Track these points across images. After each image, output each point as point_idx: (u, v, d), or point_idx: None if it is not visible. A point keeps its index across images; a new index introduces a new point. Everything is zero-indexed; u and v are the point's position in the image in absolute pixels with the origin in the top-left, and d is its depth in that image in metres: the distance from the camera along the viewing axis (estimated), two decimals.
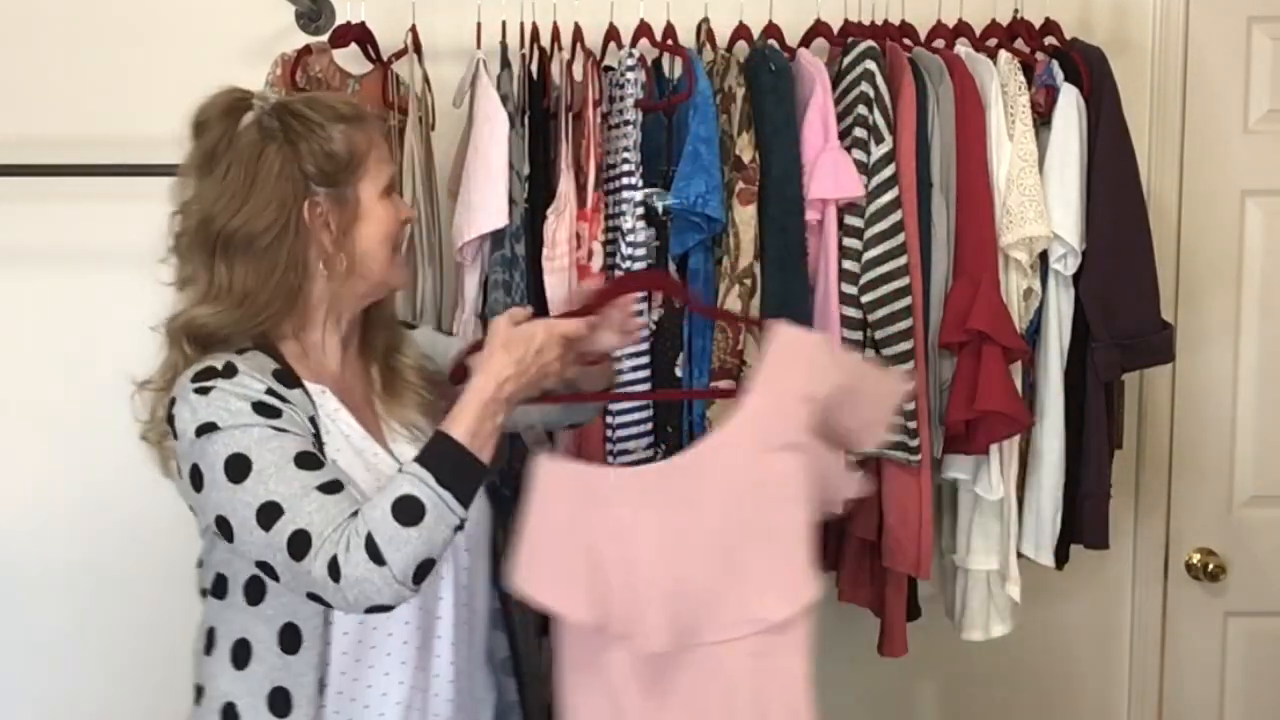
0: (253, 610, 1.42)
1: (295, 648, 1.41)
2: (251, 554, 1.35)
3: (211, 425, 1.35)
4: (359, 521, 1.30)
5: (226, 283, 1.41)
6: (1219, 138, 2.33)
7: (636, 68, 1.93)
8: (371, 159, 1.47)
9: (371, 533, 1.28)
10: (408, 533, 1.29)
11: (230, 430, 1.34)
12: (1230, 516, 2.41)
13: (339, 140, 1.44)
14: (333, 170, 1.43)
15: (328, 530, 1.30)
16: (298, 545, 1.30)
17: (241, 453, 1.33)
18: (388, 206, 1.48)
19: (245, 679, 1.43)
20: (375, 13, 2.06)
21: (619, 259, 1.90)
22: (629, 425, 1.90)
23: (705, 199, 1.84)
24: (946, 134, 1.97)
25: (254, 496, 1.32)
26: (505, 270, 1.87)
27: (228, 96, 1.47)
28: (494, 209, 1.85)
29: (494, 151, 1.86)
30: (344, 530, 1.30)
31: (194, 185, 1.45)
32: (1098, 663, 2.48)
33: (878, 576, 2.10)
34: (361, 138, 1.47)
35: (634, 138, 1.91)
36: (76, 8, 2.20)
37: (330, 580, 1.28)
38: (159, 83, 2.18)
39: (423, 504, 1.30)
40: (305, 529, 1.30)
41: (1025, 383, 2.04)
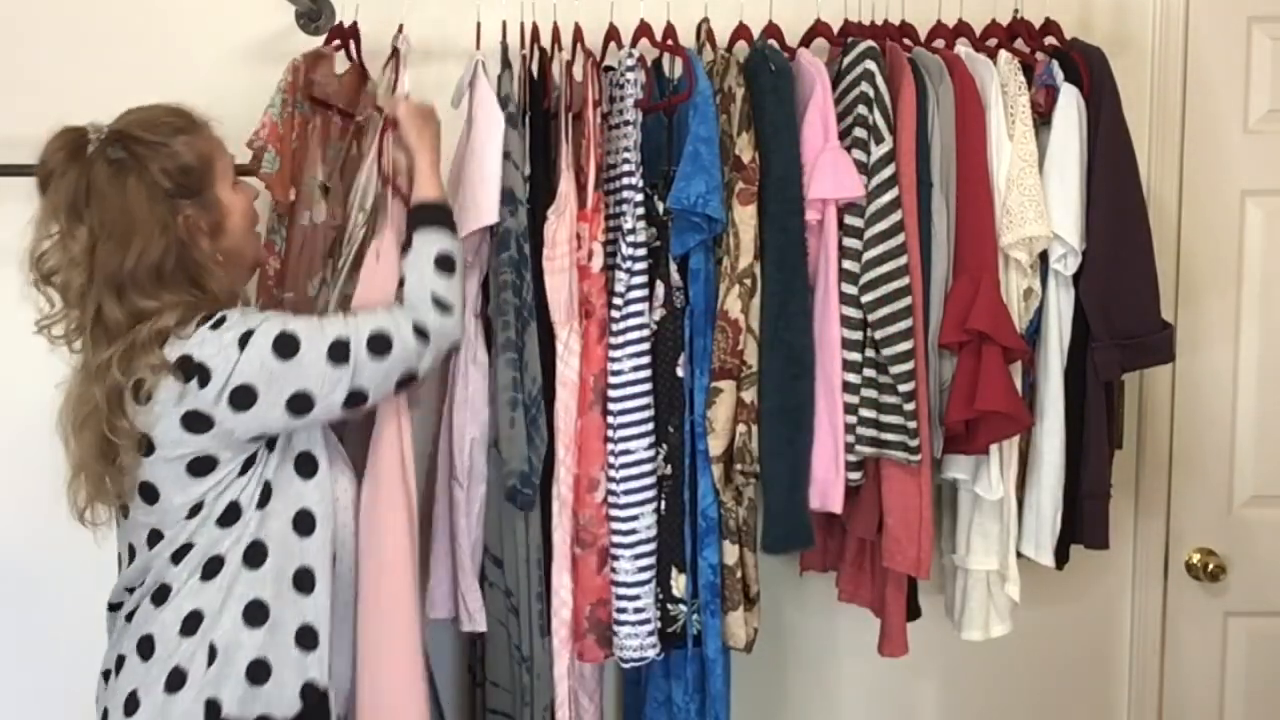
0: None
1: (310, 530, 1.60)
2: (336, 398, 1.55)
3: (247, 332, 1.52)
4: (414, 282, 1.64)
5: (145, 308, 1.51)
6: (1219, 138, 2.33)
7: (636, 68, 1.93)
8: (216, 158, 1.63)
9: (433, 290, 1.63)
10: (454, 279, 1.67)
11: (262, 325, 1.53)
12: (1230, 516, 2.41)
13: (185, 152, 1.58)
14: (190, 181, 1.57)
15: (389, 319, 1.60)
16: (378, 345, 1.57)
17: (283, 331, 1.53)
18: (240, 194, 1.67)
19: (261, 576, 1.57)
20: (375, 12, 2.05)
21: (619, 259, 1.90)
22: (630, 425, 1.90)
23: (706, 199, 1.84)
24: (946, 134, 1.97)
25: (316, 349, 1.53)
26: (513, 270, 1.87)
27: (63, 139, 1.56)
28: (485, 208, 1.85)
29: (489, 151, 1.86)
30: (400, 310, 1.62)
31: (65, 238, 1.53)
32: (1098, 663, 2.48)
33: (878, 576, 2.10)
34: (203, 142, 1.62)
35: (634, 138, 1.91)
36: (75, 8, 2.20)
37: (420, 343, 1.60)
38: (159, 83, 2.17)
39: (452, 254, 1.68)
40: (375, 331, 1.57)
41: (1025, 383, 2.04)
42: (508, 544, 1.93)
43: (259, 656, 1.55)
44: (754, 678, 2.37)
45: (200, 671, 1.53)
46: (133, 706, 1.55)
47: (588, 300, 1.91)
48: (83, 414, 1.55)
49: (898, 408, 1.90)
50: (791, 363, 1.91)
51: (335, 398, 1.55)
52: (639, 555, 1.90)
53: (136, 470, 1.55)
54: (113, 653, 1.63)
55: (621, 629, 1.91)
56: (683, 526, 1.93)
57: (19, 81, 2.20)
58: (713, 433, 1.90)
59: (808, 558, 2.24)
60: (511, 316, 1.87)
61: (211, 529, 1.55)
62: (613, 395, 1.89)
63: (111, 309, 1.51)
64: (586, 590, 1.92)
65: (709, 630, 1.94)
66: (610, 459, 1.90)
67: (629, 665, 1.92)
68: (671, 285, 1.93)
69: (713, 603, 1.94)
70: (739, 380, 1.91)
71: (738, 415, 1.91)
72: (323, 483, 1.61)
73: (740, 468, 1.91)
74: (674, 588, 1.94)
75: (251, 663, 1.54)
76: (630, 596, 1.90)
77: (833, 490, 1.93)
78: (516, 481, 1.85)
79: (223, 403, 1.50)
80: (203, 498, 1.55)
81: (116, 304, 1.51)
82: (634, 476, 1.90)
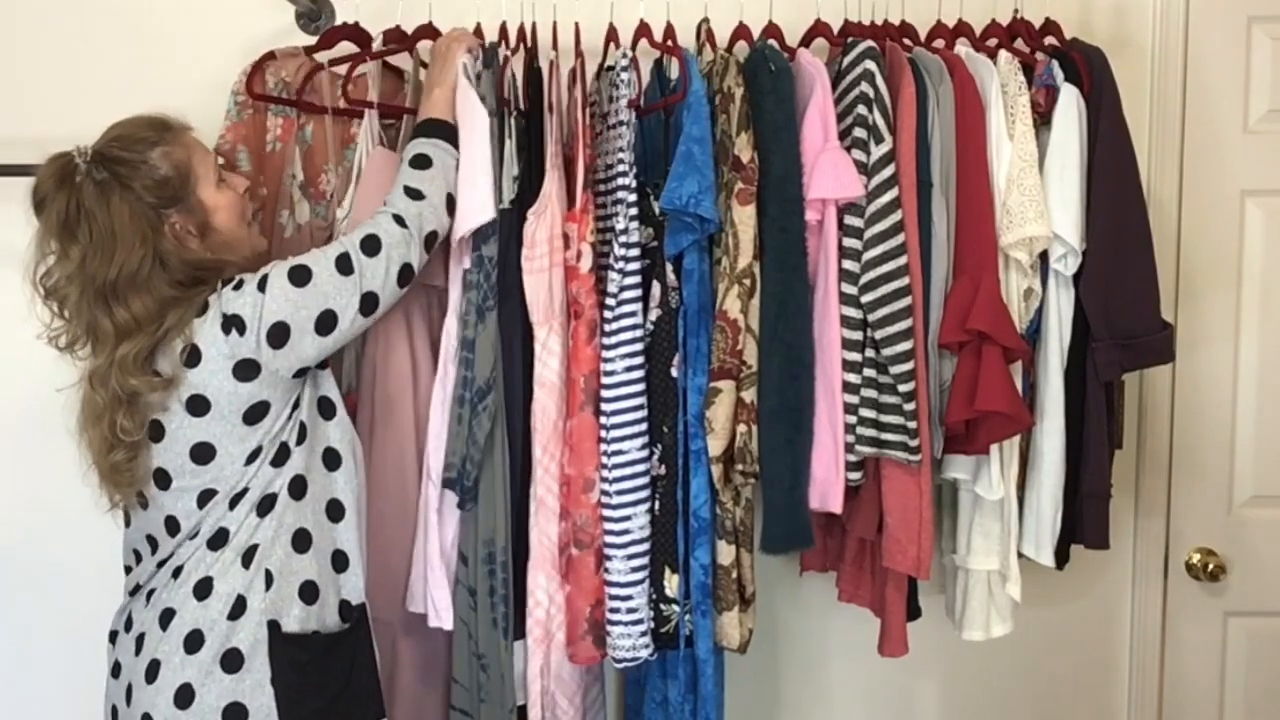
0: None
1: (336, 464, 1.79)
2: (353, 307, 1.71)
3: (263, 278, 1.68)
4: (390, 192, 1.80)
5: (130, 317, 1.64)
6: (1219, 138, 2.33)
7: (629, 68, 1.93)
8: (195, 163, 1.71)
9: (405, 183, 1.80)
10: (427, 173, 1.82)
11: (274, 268, 1.69)
12: (1230, 516, 2.41)
13: (162, 164, 1.68)
14: (170, 192, 1.68)
15: (372, 223, 1.76)
16: (370, 246, 1.73)
17: (294, 265, 1.69)
18: (225, 191, 1.76)
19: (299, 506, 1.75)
20: (374, 12, 2.06)
21: (612, 259, 1.90)
22: (623, 425, 1.90)
23: (698, 199, 1.83)
24: (946, 134, 1.97)
25: (325, 268, 1.70)
26: (479, 269, 1.87)
27: (53, 165, 1.69)
28: (475, 208, 1.86)
29: (476, 151, 1.87)
30: (380, 211, 1.78)
31: (60, 256, 1.67)
32: (1098, 663, 2.48)
33: (878, 576, 2.10)
34: (179, 150, 1.71)
35: (628, 138, 1.90)
36: (76, 8, 2.20)
37: (403, 230, 1.76)
38: (159, 83, 2.18)
39: (428, 155, 1.83)
40: (364, 235, 1.74)
41: (1025, 383, 2.04)
42: (468, 542, 1.93)
43: (308, 578, 1.72)
44: (754, 678, 2.37)
45: (260, 597, 1.68)
46: (195, 643, 1.67)
47: (576, 301, 1.91)
48: (90, 416, 1.69)
49: (898, 408, 1.90)
50: (791, 363, 1.91)
51: (352, 307, 1.71)
52: (632, 555, 1.90)
53: (148, 459, 1.69)
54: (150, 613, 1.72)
55: (614, 629, 1.91)
56: (676, 527, 1.93)
57: (19, 82, 2.20)
58: (712, 433, 1.89)
59: (808, 558, 2.24)
60: (473, 315, 1.88)
61: (267, 470, 1.71)
62: (605, 396, 1.89)
63: (102, 318, 1.65)
64: (585, 591, 1.92)
65: (700, 631, 1.93)
66: (604, 459, 1.90)
67: (621, 665, 1.92)
68: (667, 286, 1.93)
69: (704, 603, 1.93)
70: (739, 380, 1.90)
71: (737, 415, 1.90)
72: (342, 421, 1.80)
73: (740, 468, 1.91)
74: (667, 588, 1.94)
75: (303, 584, 1.72)
76: (623, 596, 1.90)
77: (833, 490, 1.93)
78: (453, 474, 1.88)
79: (263, 343, 1.66)
80: (260, 442, 1.70)
81: (105, 313, 1.65)
82: (627, 477, 1.90)
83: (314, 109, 2.07)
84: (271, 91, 2.06)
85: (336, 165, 2.06)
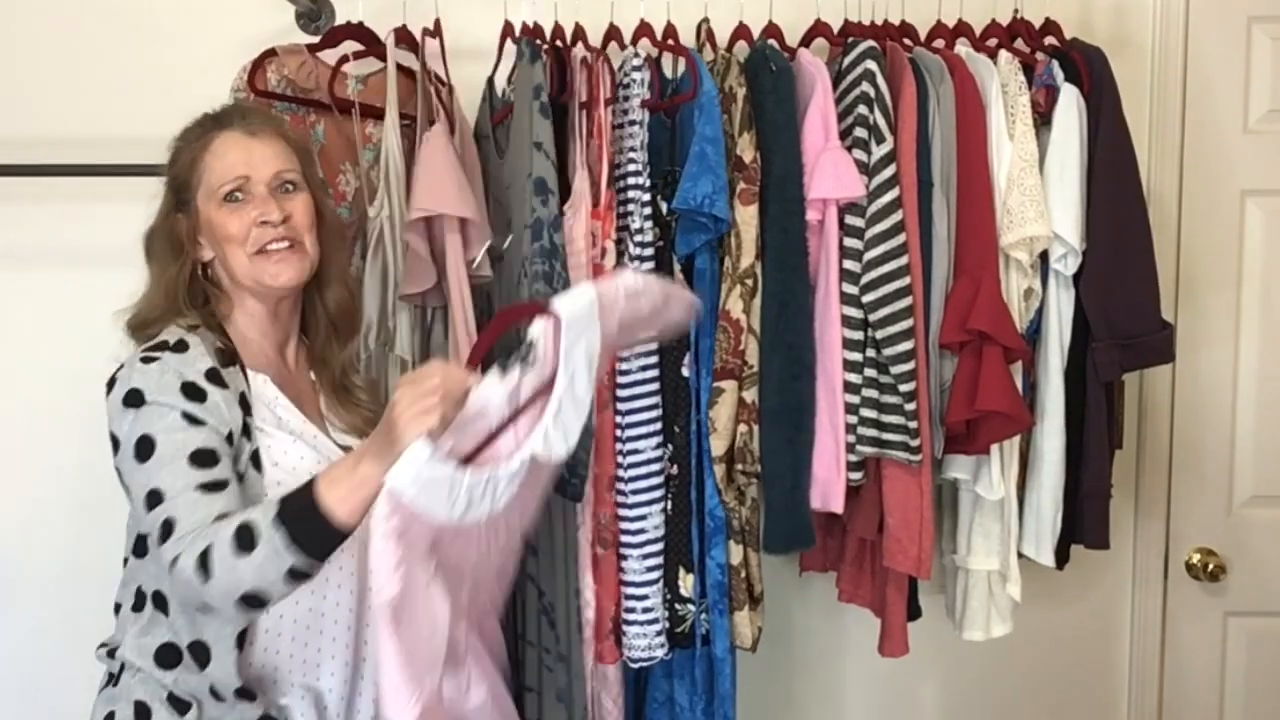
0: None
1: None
2: (141, 528, 1.49)
3: (139, 396, 1.47)
4: (215, 529, 1.38)
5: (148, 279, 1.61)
6: (1219, 138, 2.33)
7: (642, 67, 1.93)
8: (202, 170, 1.59)
9: (213, 545, 1.36)
10: (239, 560, 1.35)
11: (151, 407, 1.46)
12: (1230, 516, 2.41)
13: (178, 160, 1.61)
14: (176, 187, 1.61)
15: (189, 526, 1.40)
16: (164, 532, 1.41)
17: (149, 435, 1.45)
18: (226, 213, 1.57)
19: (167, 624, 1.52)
20: (374, 12, 2.05)
21: (627, 259, 1.90)
22: (638, 425, 1.90)
23: (712, 199, 1.84)
24: (947, 134, 1.97)
25: (148, 479, 1.44)
26: (544, 261, 1.85)
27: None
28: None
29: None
30: (201, 531, 1.39)
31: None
32: (1098, 663, 2.48)
33: (878, 576, 2.10)
34: (190, 151, 1.60)
35: (640, 138, 1.91)
36: (76, 8, 2.19)
37: (170, 568, 1.40)
38: (159, 83, 2.18)
39: (256, 536, 1.35)
40: (172, 519, 1.41)
41: (1025, 383, 2.04)
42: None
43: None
44: (755, 677, 2.37)
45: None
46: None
47: None
48: None
49: (898, 408, 1.90)
50: (792, 363, 1.91)
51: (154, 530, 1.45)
52: (647, 555, 1.91)
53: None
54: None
55: (630, 629, 1.91)
56: (690, 526, 1.94)
57: (19, 82, 2.20)
58: (715, 432, 1.90)
59: (808, 558, 2.24)
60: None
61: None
62: (621, 395, 1.90)
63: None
64: (609, 590, 1.93)
65: (717, 630, 1.94)
66: (619, 459, 1.90)
67: (637, 665, 1.92)
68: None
69: (721, 602, 1.94)
70: (740, 380, 1.91)
71: (739, 415, 1.91)
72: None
73: (741, 468, 1.91)
74: (682, 587, 1.94)
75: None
76: (638, 596, 1.90)
77: (833, 490, 1.93)
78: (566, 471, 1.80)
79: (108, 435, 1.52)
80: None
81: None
82: (642, 476, 1.90)
83: (321, 106, 2.05)
84: (274, 89, 2.05)
85: (354, 165, 2.04)
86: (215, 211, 1.57)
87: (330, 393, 1.67)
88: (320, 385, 1.68)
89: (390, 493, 1.30)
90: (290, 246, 1.58)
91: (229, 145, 1.59)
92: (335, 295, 1.68)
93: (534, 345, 1.38)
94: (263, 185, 1.57)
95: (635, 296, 1.45)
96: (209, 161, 1.58)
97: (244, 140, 1.59)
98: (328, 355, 1.69)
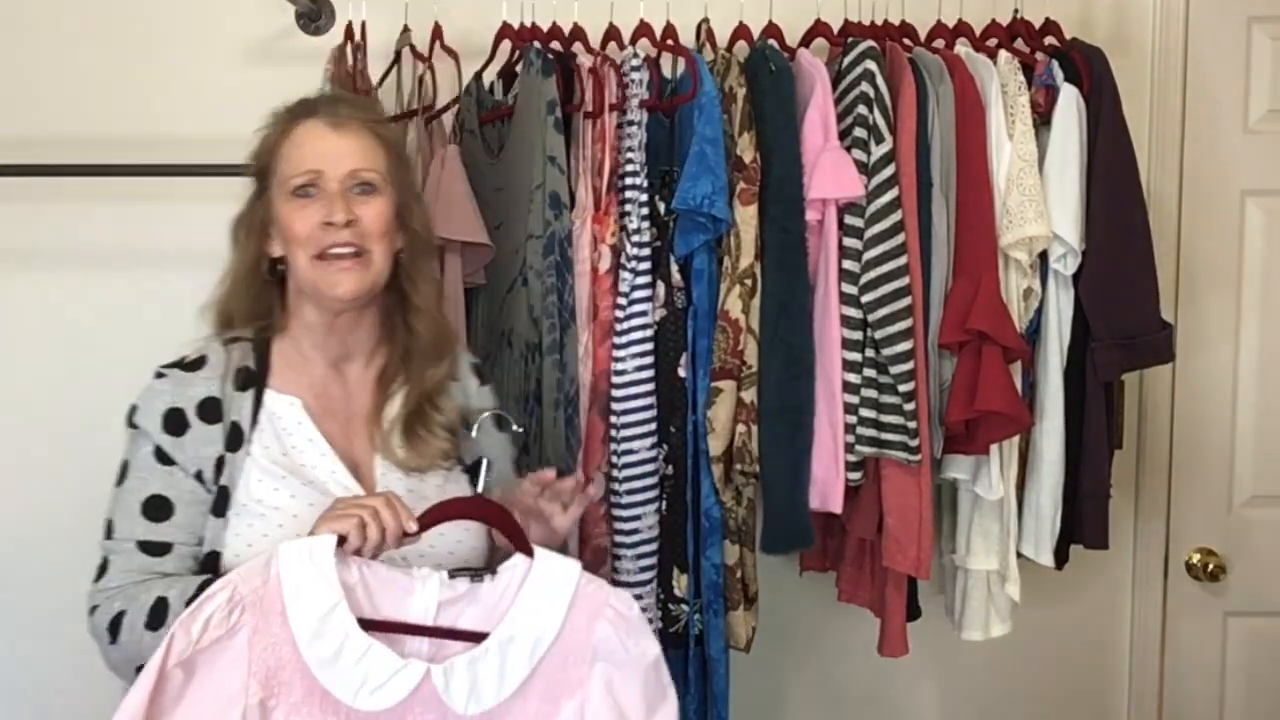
0: None
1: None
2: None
3: (133, 415, 1.46)
4: (135, 594, 1.37)
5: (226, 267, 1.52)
6: (1219, 138, 2.32)
7: (642, 68, 1.93)
8: (279, 158, 1.47)
9: (126, 612, 1.37)
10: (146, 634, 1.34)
11: (136, 432, 1.45)
12: (1230, 516, 2.40)
13: (261, 144, 1.50)
14: (257, 172, 1.50)
15: (117, 580, 1.40)
16: (99, 571, 1.42)
17: (126, 462, 1.45)
18: (294, 208, 1.45)
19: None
20: (374, 12, 2.06)
21: (624, 259, 1.90)
22: (632, 425, 1.90)
23: (712, 199, 1.84)
24: (946, 134, 1.97)
25: (110, 507, 1.44)
26: (556, 274, 1.86)
27: None
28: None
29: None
30: (124, 590, 1.39)
31: None
32: (1098, 663, 2.48)
33: (878, 576, 2.10)
34: (272, 137, 1.49)
35: (639, 138, 1.91)
36: (75, 8, 2.19)
37: (88, 613, 1.41)
38: (159, 83, 2.18)
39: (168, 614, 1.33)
40: (107, 563, 1.42)
41: (1025, 383, 2.04)
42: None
43: None
44: (754, 677, 2.36)
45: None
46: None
47: (593, 302, 1.91)
48: None
49: (898, 408, 1.90)
50: (791, 363, 1.91)
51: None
52: (641, 555, 1.91)
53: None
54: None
55: None
56: (685, 527, 1.93)
57: (20, 82, 2.20)
58: (713, 432, 1.90)
59: (808, 558, 2.24)
60: (555, 319, 1.87)
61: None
62: (616, 395, 1.90)
63: None
64: None
65: (712, 630, 1.94)
66: (613, 459, 1.90)
67: None
68: (673, 285, 1.93)
69: (716, 602, 1.94)
70: (739, 380, 1.91)
71: (738, 415, 1.91)
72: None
73: (740, 468, 1.91)
74: (675, 588, 1.94)
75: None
76: (632, 596, 1.90)
77: (833, 490, 1.93)
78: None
79: None
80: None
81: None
82: (636, 476, 1.90)
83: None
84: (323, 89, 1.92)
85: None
86: (284, 205, 1.46)
87: (400, 421, 1.51)
88: (387, 412, 1.52)
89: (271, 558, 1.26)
90: (356, 255, 1.44)
91: (308, 135, 1.46)
92: (416, 313, 1.53)
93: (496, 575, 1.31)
94: (335, 183, 1.44)
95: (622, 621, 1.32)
96: (286, 150, 1.47)
97: (324, 132, 1.46)
98: (406, 379, 1.53)
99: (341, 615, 1.25)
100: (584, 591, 1.32)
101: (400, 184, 1.50)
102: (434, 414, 1.52)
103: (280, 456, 1.45)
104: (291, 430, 1.47)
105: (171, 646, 1.23)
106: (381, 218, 1.46)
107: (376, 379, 1.53)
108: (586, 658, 1.30)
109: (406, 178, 1.54)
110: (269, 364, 1.49)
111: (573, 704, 1.29)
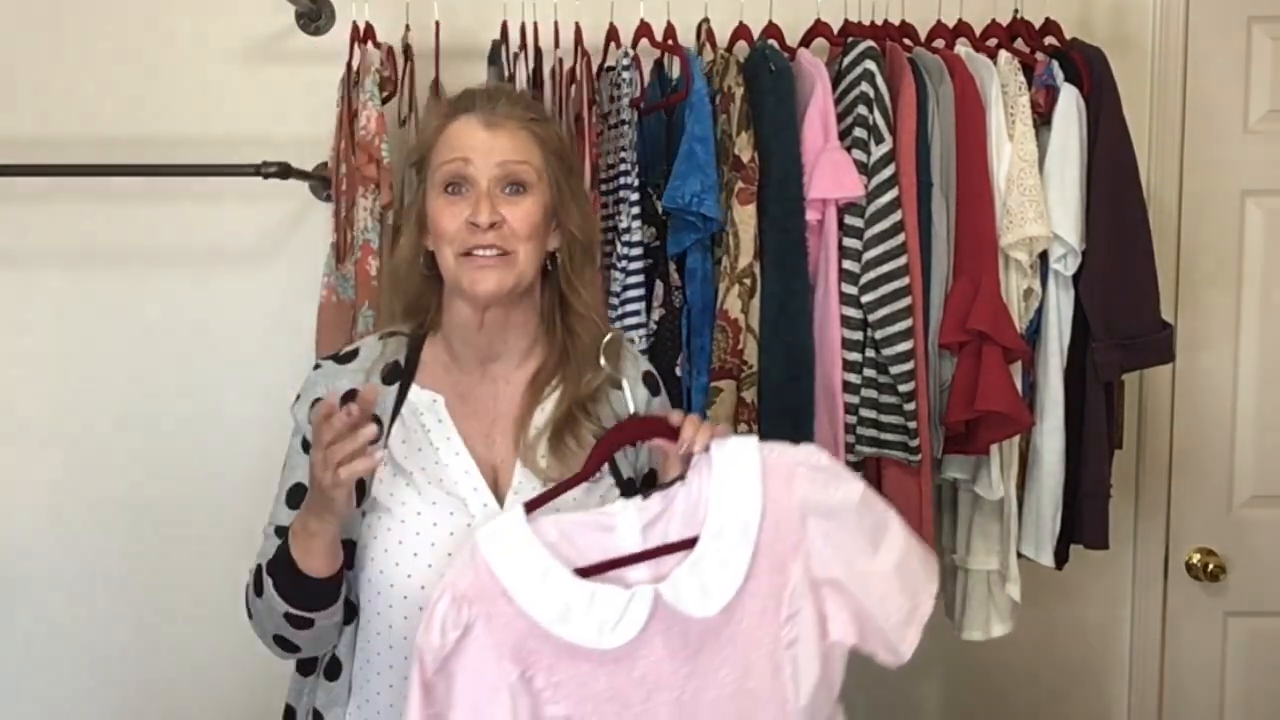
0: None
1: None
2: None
3: (293, 406, 1.49)
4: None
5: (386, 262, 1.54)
6: (1219, 138, 2.33)
7: (631, 67, 1.93)
8: (435, 150, 1.44)
9: (249, 585, 1.42)
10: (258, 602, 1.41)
11: (294, 424, 1.48)
12: (1230, 516, 2.41)
13: (420, 136, 1.49)
14: (415, 161, 1.49)
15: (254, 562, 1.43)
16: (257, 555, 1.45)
17: (288, 450, 1.48)
18: (443, 204, 1.42)
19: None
20: (375, 12, 2.06)
21: (615, 258, 1.90)
22: None
23: (700, 198, 1.84)
24: (947, 134, 1.97)
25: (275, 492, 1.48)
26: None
27: None
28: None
29: None
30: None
31: None
32: (1098, 663, 2.48)
33: None
34: (431, 130, 1.46)
35: (630, 137, 1.91)
36: (76, 8, 2.20)
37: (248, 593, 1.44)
38: (160, 83, 2.18)
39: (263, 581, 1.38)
40: (260, 546, 1.45)
41: (1025, 383, 2.04)
42: None
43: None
44: None
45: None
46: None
47: None
48: None
49: (898, 408, 1.90)
50: (791, 363, 1.91)
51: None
52: None
53: None
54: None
55: None
56: None
57: (20, 82, 2.20)
58: None
59: None
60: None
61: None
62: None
63: None
64: None
65: None
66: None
67: None
68: (670, 285, 1.93)
69: None
70: (739, 380, 1.91)
71: (738, 415, 1.91)
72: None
73: None
74: None
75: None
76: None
77: None
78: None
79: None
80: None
81: None
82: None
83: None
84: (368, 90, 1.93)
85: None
86: (435, 200, 1.43)
87: (548, 428, 1.46)
88: (536, 418, 1.47)
89: (474, 549, 1.28)
90: (501, 254, 1.40)
91: (461, 131, 1.43)
92: (575, 315, 1.49)
93: (681, 481, 1.32)
94: (485, 181, 1.40)
95: (817, 473, 1.32)
96: (440, 145, 1.44)
97: (477, 129, 1.42)
98: (560, 383, 1.48)
99: (557, 573, 1.27)
100: (770, 461, 1.32)
101: (556, 184, 1.46)
102: (585, 421, 1.46)
103: (414, 452, 1.44)
104: (430, 427, 1.46)
105: (423, 661, 1.25)
106: (529, 219, 1.42)
107: (529, 381, 1.49)
108: (796, 519, 1.31)
109: (565, 178, 1.48)
110: (419, 360, 1.49)
111: (798, 565, 1.31)
